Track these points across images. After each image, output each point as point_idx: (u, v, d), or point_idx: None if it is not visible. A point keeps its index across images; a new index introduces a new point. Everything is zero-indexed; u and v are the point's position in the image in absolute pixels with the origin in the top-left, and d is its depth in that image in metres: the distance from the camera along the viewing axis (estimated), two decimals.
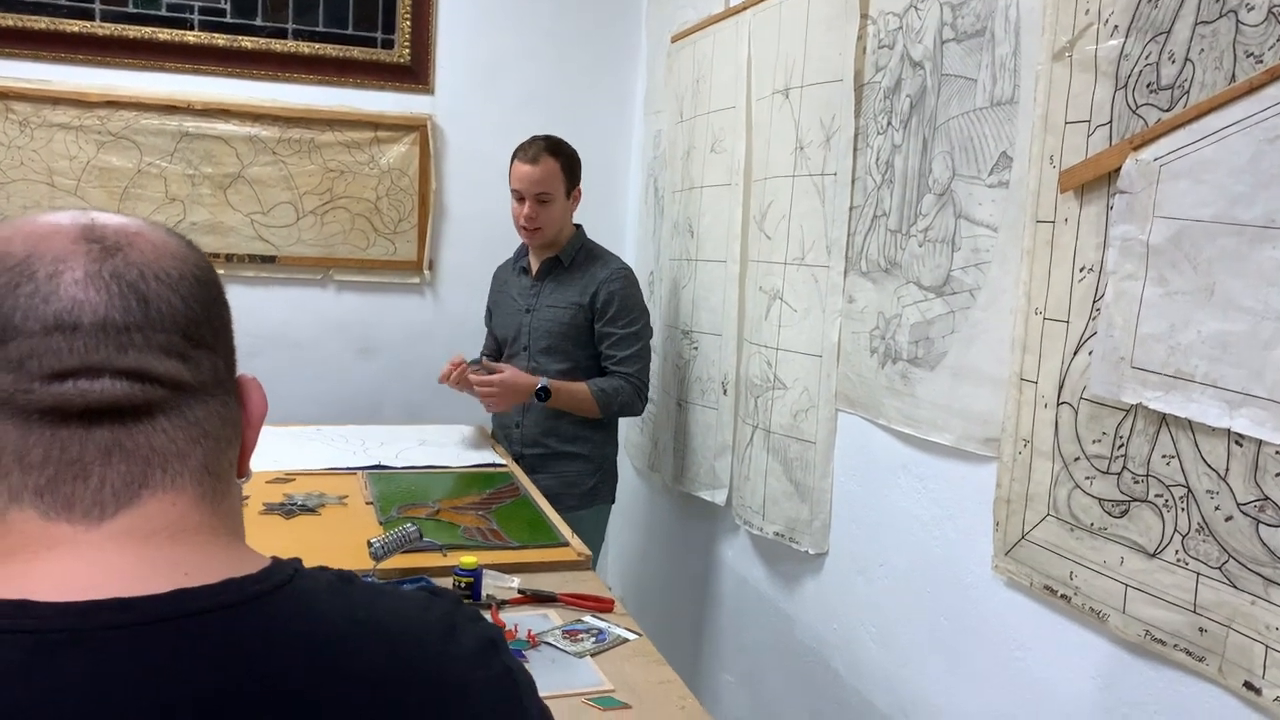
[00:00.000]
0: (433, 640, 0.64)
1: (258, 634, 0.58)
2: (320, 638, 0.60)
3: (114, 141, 3.15)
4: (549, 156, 2.58)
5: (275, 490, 2.24)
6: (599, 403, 2.59)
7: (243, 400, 0.68)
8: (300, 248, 3.33)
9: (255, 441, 0.69)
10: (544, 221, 2.61)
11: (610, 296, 2.61)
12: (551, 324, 2.65)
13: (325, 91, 3.30)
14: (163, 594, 0.57)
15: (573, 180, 2.64)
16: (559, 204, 2.61)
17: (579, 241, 2.71)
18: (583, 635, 1.62)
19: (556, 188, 2.59)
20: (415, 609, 0.67)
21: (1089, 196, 1.45)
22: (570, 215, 2.69)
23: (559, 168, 2.58)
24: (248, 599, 0.59)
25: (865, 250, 2.05)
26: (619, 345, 2.62)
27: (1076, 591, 1.48)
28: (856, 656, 2.10)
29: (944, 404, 1.79)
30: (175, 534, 0.61)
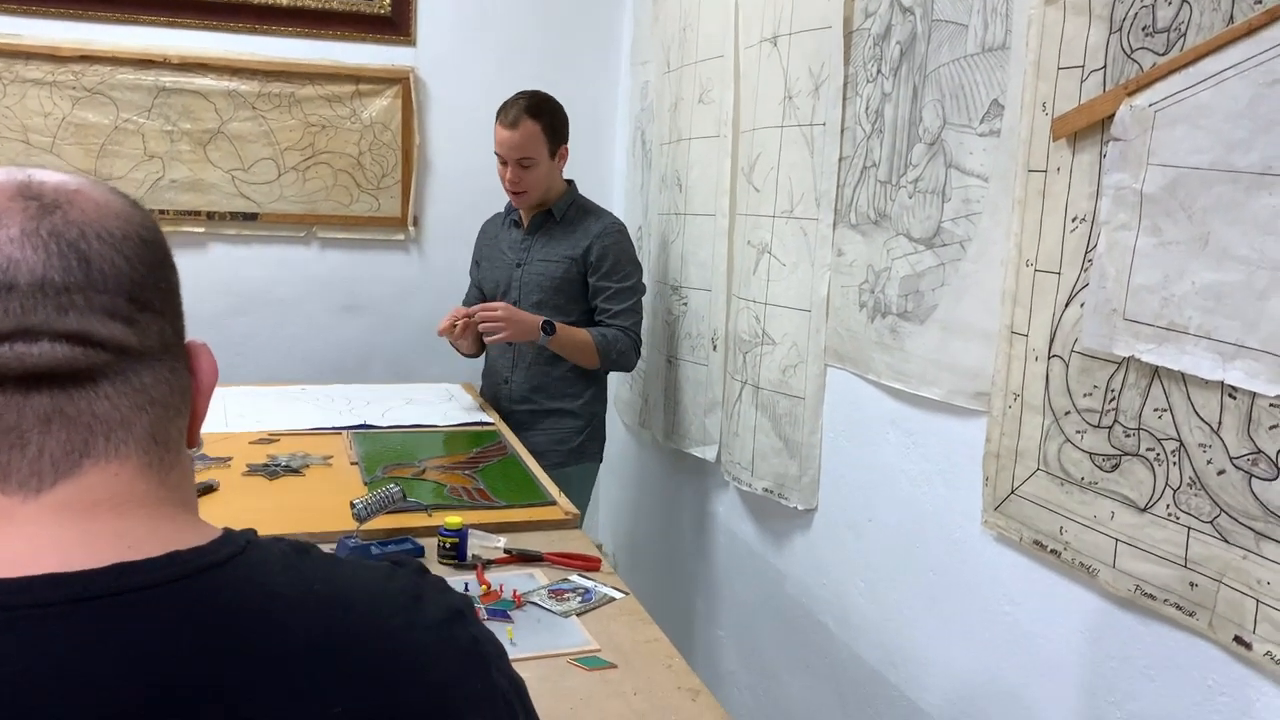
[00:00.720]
0: (394, 610, 0.62)
1: (203, 608, 0.56)
2: (270, 611, 0.57)
3: (89, 97, 3.08)
4: (529, 119, 2.50)
5: (259, 451, 2.21)
6: (599, 349, 2.55)
7: (193, 367, 0.65)
8: (282, 204, 3.27)
9: (206, 409, 0.67)
10: (528, 184, 2.56)
11: (604, 251, 2.58)
12: (543, 278, 2.61)
13: (305, 44, 3.23)
14: (101, 569, 0.55)
15: (556, 140, 2.57)
16: (543, 166, 2.55)
17: (571, 197, 2.67)
18: (569, 594, 1.60)
19: (538, 150, 2.52)
20: (376, 579, 0.64)
21: (1082, 144, 1.42)
22: (558, 173, 2.63)
23: (539, 130, 2.51)
24: (193, 572, 0.57)
25: (855, 202, 2.02)
26: (614, 299, 2.58)
27: (1066, 546, 1.46)
28: (846, 611, 2.09)
29: (934, 358, 1.77)
30: (118, 505, 0.58)
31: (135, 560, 0.56)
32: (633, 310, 2.61)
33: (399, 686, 0.58)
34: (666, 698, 1.32)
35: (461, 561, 1.71)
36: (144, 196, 3.15)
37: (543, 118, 2.52)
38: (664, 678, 1.37)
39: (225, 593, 0.57)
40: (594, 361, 2.57)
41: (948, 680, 1.78)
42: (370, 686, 0.57)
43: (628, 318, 2.59)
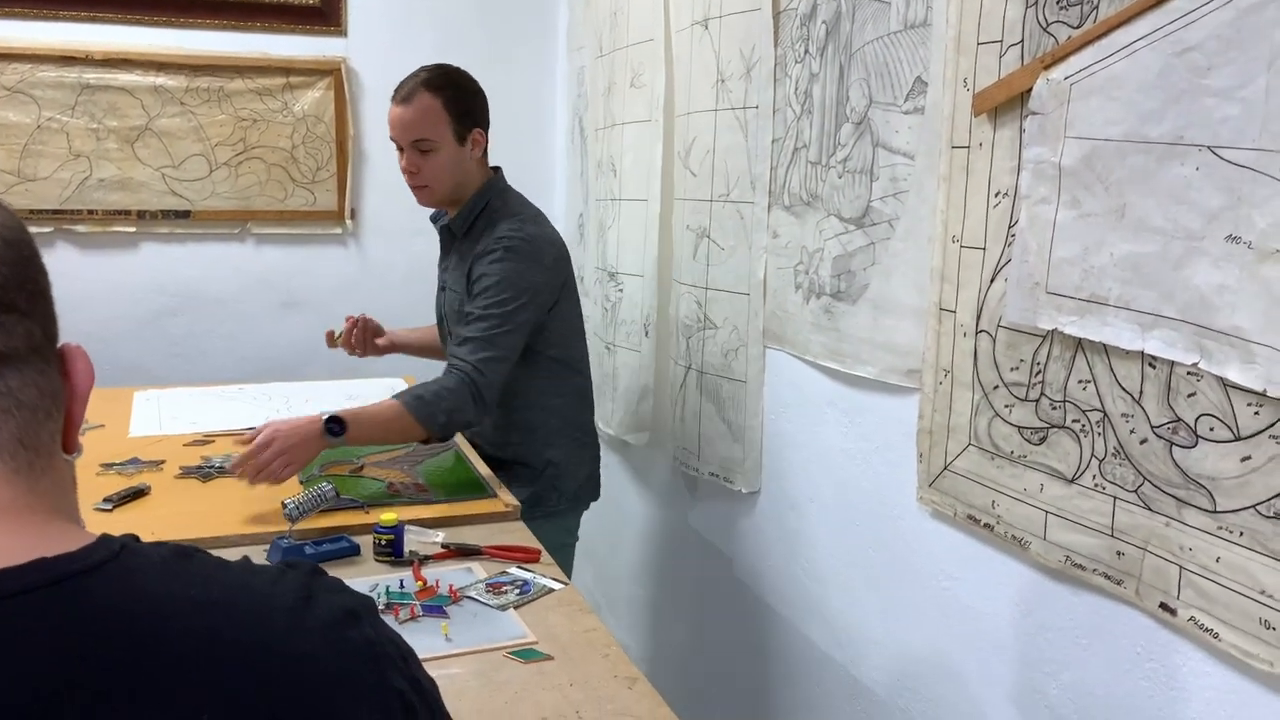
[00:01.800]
0: (279, 613, 0.60)
1: (65, 618, 0.53)
2: (139, 616, 0.55)
3: (9, 96, 3.00)
4: (426, 93, 2.04)
5: (193, 453, 2.17)
6: (419, 418, 1.92)
7: (67, 371, 0.63)
8: (215, 201, 3.21)
9: (82, 414, 0.64)
10: (429, 175, 2.08)
11: (485, 269, 2.04)
12: (454, 310, 2.18)
13: (232, 37, 3.16)
14: None
15: (465, 120, 2.07)
16: (446, 151, 2.06)
17: (481, 201, 2.14)
18: (507, 587, 1.59)
19: (439, 132, 2.05)
20: (263, 582, 0.62)
21: (1002, 119, 1.42)
22: (471, 166, 2.12)
23: (440, 106, 2.04)
24: (58, 579, 0.54)
25: (787, 184, 2.01)
26: (470, 325, 2.02)
27: (999, 520, 1.47)
28: (791, 591, 2.10)
29: (866, 337, 1.77)
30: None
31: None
32: (488, 343, 1.98)
33: (276, 692, 0.56)
34: (603, 687, 1.31)
35: (398, 558, 1.68)
36: (71, 196, 3.08)
37: (445, 91, 2.06)
38: (601, 667, 1.36)
39: (93, 600, 0.55)
40: (420, 432, 1.96)
41: (891, 656, 1.79)
42: (244, 693, 0.55)
43: (475, 350, 1.98)
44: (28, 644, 0.52)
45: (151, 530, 1.73)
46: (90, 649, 0.53)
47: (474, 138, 2.10)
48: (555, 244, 2.16)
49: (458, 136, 2.08)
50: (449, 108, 2.06)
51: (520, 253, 2.04)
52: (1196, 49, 1.12)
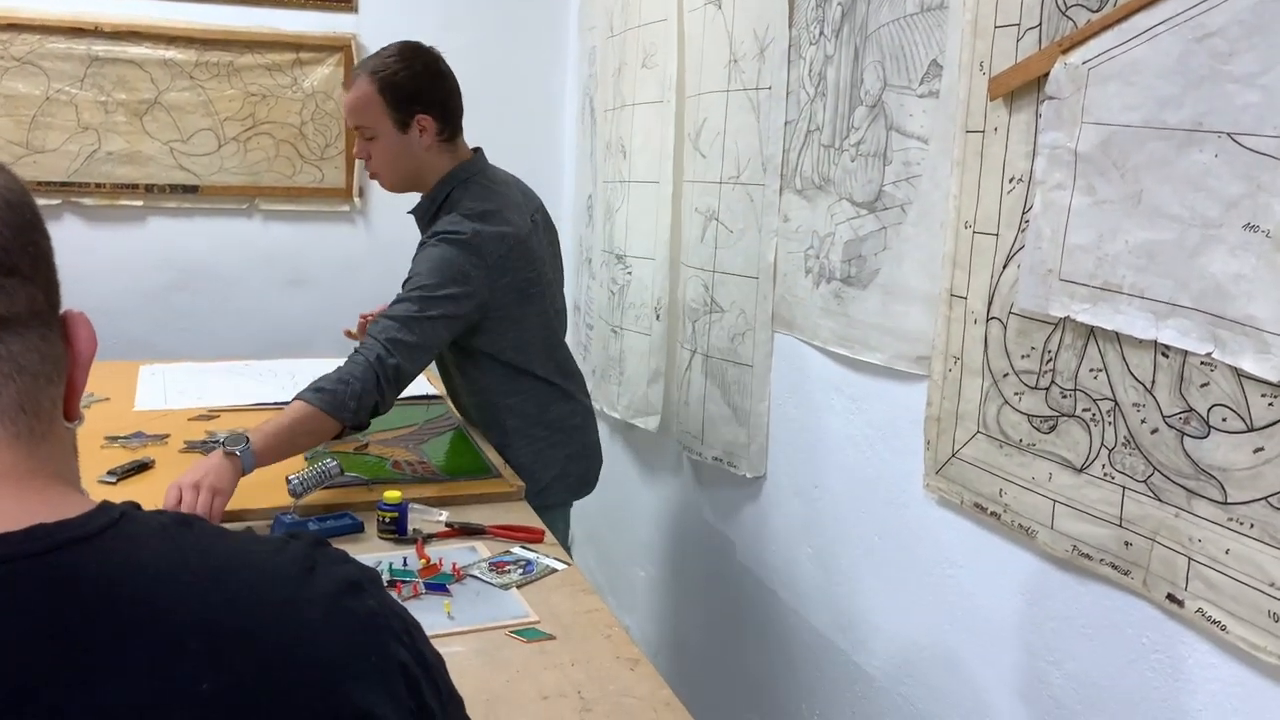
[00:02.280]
0: (281, 582, 0.59)
1: (62, 584, 0.53)
2: (137, 584, 0.55)
3: (18, 67, 2.99)
4: (364, 77, 1.94)
5: (198, 428, 2.17)
6: (328, 409, 1.74)
7: (69, 337, 0.62)
8: (223, 176, 3.20)
9: (84, 381, 0.63)
10: (376, 164, 2.01)
11: (419, 253, 1.96)
12: None
13: (243, 11, 3.15)
14: None
15: (405, 106, 1.94)
16: (386, 139, 1.96)
17: (444, 190, 2.02)
18: (510, 567, 1.58)
19: (375, 119, 1.94)
20: (264, 552, 0.62)
21: (1018, 104, 1.40)
22: (422, 155, 1.99)
23: (374, 91, 1.93)
24: (57, 545, 0.54)
25: (799, 167, 2.00)
26: (391, 307, 1.90)
27: (1006, 509, 1.46)
28: (795, 578, 2.09)
29: (876, 323, 1.76)
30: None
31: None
32: (405, 324, 1.84)
33: (275, 663, 0.55)
34: (604, 668, 1.31)
35: (402, 536, 1.68)
36: (79, 169, 3.07)
37: (382, 76, 1.93)
38: (603, 648, 1.36)
39: (90, 567, 0.54)
40: (332, 427, 1.77)
41: (894, 643, 1.79)
42: (243, 663, 0.54)
43: (390, 331, 1.83)
44: (24, 610, 0.51)
45: (155, 504, 1.72)
46: (87, 616, 0.52)
47: (419, 124, 1.96)
48: (505, 240, 1.96)
49: (398, 124, 1.96)
50: (385, 93, 1.93)
51: (457, 243, 1.91)
52: (1218, 34, 1.10)
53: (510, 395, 2.10)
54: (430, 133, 1.97)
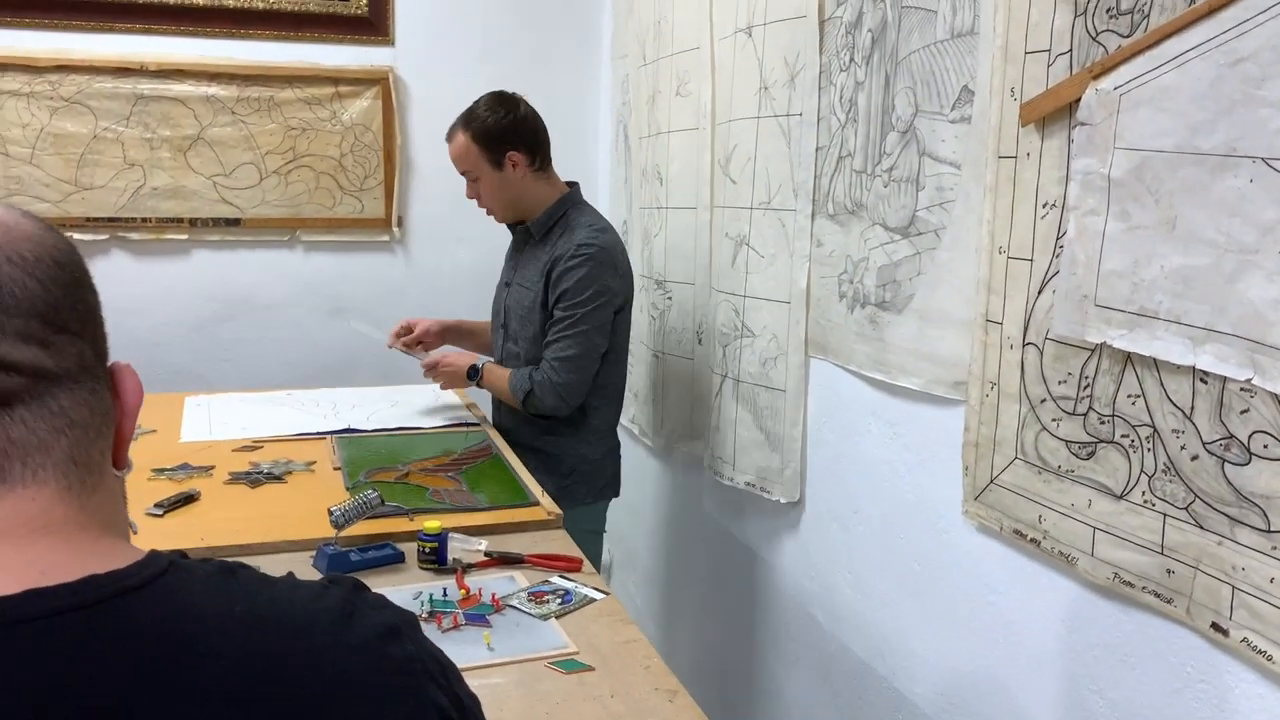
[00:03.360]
0: (321, 629, 0.61)
1: (116, 634, 0.55)
2: (186, 633, 0.57)
3: (67, 107, 3.07)
4: (459, 131, 2.32)
5: (242, 458, 2.21)
6: (512, 388, 2.32)
7: (116, 389, 0.64)
8: (265, 209, 3.26)
9: (132, 431, 0.65)
10: (485, 200, 2.38)
11: (562, 273, 2.27)
12: (519, 304, 2.40)
13: (283, 47, 3.21)
14: (13, 595, 0.54)
15: (496, 146, 2.29)
16: (488, 179, 2.32)
17: (558, 211, 2.37)
18: (549, 597, 1.60)
19: (474, 163, 2.31)
20: (305, 598, 0.63)
21: (1050, 129, 1.40)
22: (520, 184, 2.34)
23: (469, 140, 2.30)
24: (108, 596, 0.56)
25: (832, 192, 2.00)
26: (553, 327, 2.29)
27: (1045, 535, 1.45)
28: (834, 603, 2.09)
29: (912, 348, 1.76)
30: (34, 531, 0.57)
31: (48, 586, 0.55)
32: (568, 343, 2.26)
33: (318, 708, 0.57)
34: (644, 699, 1.31)
35: (442, 565, 1.70)
36: (126, 204, 3.14)
37: (470, 128, 2.31)
38: (642, 679, 1.36)
39: (141, 616, 0.56)
40: (515, 403, 2.34)
41: (934, 670, 1.77)
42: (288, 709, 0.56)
43: (557, 350, 2.27)
44: (80, 659, 0.53)
45: (201, 536, 1.76)
46: (139, 664, 0.54)
47: (511, 160, 2.30)
48: (625, 254, 2.40)
49: (493, 163, 2.31)
50: (478, 140, 2.29)
51: (597, 259, 2.27)
52: (1250, 59, 1.10)
53: (598, 397, 2.39)
54: (522, 165, 2.32)
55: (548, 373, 2.28)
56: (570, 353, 2.26)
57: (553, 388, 2.27)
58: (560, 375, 2.27)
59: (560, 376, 2.27)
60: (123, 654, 0.54)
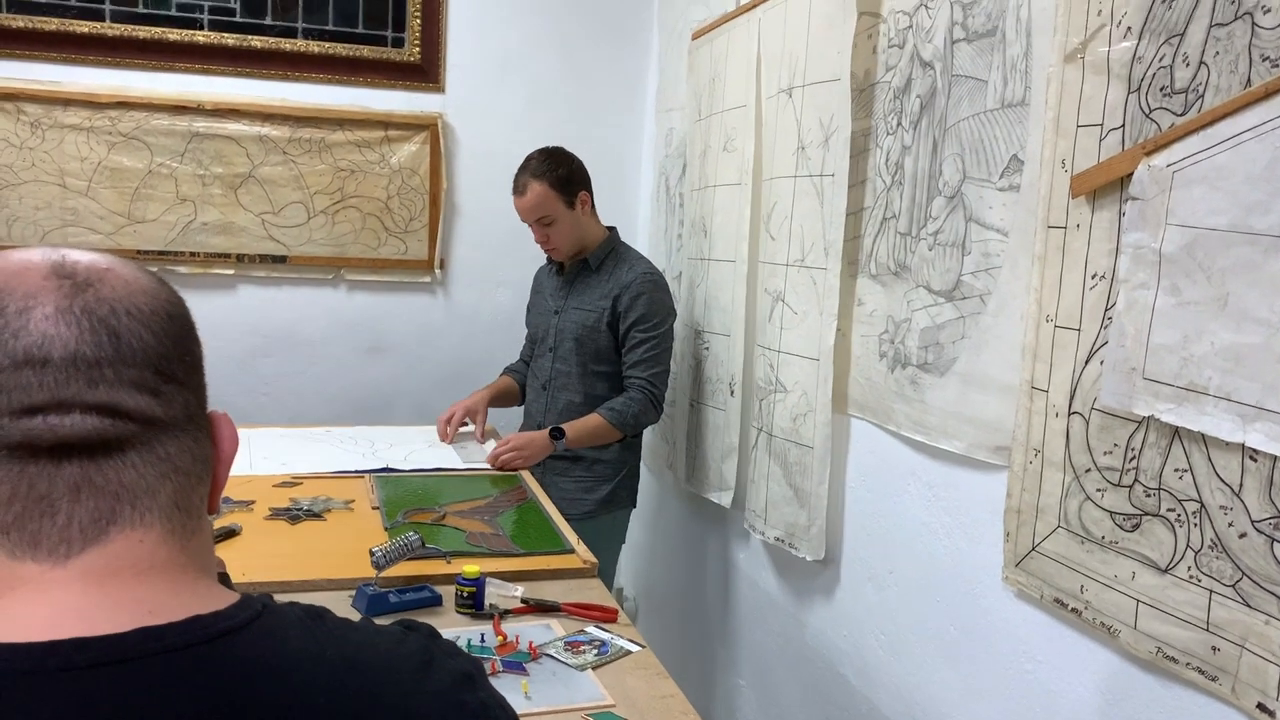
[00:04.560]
0: (404, 675, 0.63)
1: (222, 672, 0.57)
2: (284, 674, 0.59)
3: (125, 142, 3.15)
4: (534, 181, 2.58)
5: (281, 495, 2.23)
6: (615, 425, 2.59)
7: (214, 436, 0.67)
8: (311, 247, 3.32)
9: (226, 477, 0.68)
10: (557, 240, 2.64)
11: (633, 299, 2.61)
12: (577, 327, 2.67)
13: (335, 91, 3.29)
14: (125, 633, 0.56)
15: (569, 190, 2.60)
16: (563, 219, 2.61)
17: (610, 245, 2.71)
18: (585, 647, 1.60)
19: (553, 208, 2.59)
20: (388, 643, 0.65)
21: (1101, 202, 1.42)
22: (586, 220, 2.67)
23: (547, 188, 2.57)
24: (213, 637, 0.58)
25: (874, 253, 2.02)
26: (635, 349, 2.62)
27: (1087, 605, 1.45)
28: (867, 664, 2.08)
29: (954, 411, 1.76)
30: (141, 571, 0.60)
31: (158, 625, 0.57)
32: (654, 361, 2.62)
33: None
34: None
35: (479, 611, 1.71)
36: (175, 239, 3.21)
37: (546, 175, 2.58)
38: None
39: (243, 657, 0.58)
40: (617, 436, 2.63)
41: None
42: None
43: (646, 368, 2.62)
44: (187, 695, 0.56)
45: (242, 571, 1.77)
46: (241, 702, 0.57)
47: (580, 199, 2.63)
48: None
49: (568, 204, 2.61)
50: (555, 187, 2.58)
51: (659, 285, 2.68)
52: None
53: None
54: (588, 204, 2.66)
55: (646, 389, 2.61)
56: (660, 368, 2.64)
57: (655, 401, 2.63)
58: (658, 388, 2.64)
59: (658, 389, 2.64)
60: (226, 692, 0.56)
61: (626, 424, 2.60)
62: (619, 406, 2.60)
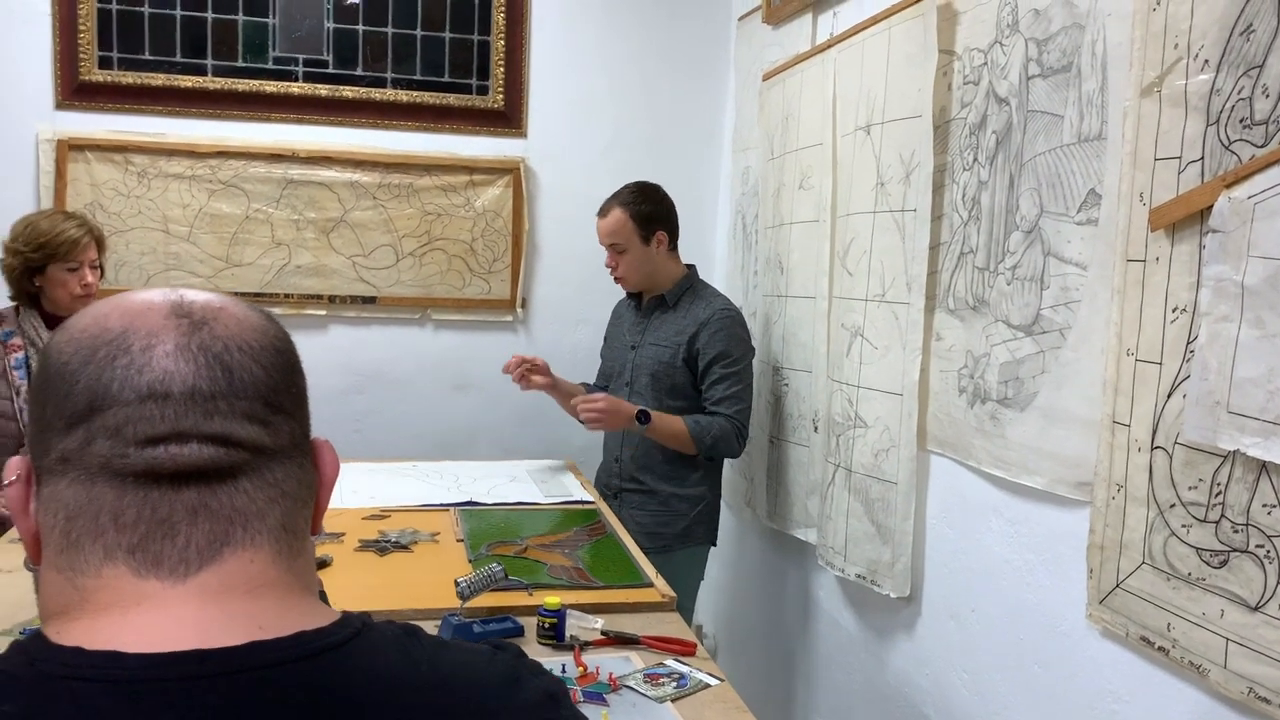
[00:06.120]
0: (494, 692, 0.67)
1: (327, 685, 0.61)
2: (386, 689, 0.63)
3: (224, 189, 3.30)
4: (618, 208, 2.66)
5: (370, 527, 2.30)
6: (694, 436, 2.59)
7: (317, 462, 0.71)
8: (399, 288, 3.43)
9: (328, 501, 0.73)
10: (623, 270, 2.71)
11: (711, 336, 2.62)
12: (653, 362, 2.69)
13: (423, 138, 3.41)
14: (239, 646, 0.60)
15: (648, 226, 2.66)
16: (634, 251, 2.67)
17: (687, 282, 2.75)
18: (664, 679, 1.62)
19: (627, 237, 2.66)
20: (479, 662, 0.69)
21: (1181, 235, 1.41)
22: (659, 258, 2.71)
23: (626, 217, 2.65)
24: (318, 651, 0.62)
25: (952, 288, 2.02)
26: (718, 385, 2.62)
27: (1175, 644, 1.42)
28: (949, 703, 2.05)
29: (1035, 446, 1.75)
30: (252, 589, 0.64)
31: (266, 639, 0.61)
32: (737, 398, 2.62)
33: None
34: None
35: (560, 642, 1.74)
36: (270, 281, 3.35)
37: (630, 206, 2.65)
38: None
39: (344, 671, 0.62)
40: (691, 448, 2.61)
41: None
42: None
43: (730, 405, 2.61)
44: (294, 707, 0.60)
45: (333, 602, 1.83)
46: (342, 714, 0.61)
47: (657, 238, 2.68)
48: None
49: (642, 239, 2.67)
50: (634, 218, 2.66)
51: (737, 321, 2.70)
52: None
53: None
54: (664, 244, 2.71)
55: (734, 421, 2.61)
56: (743, 405, 2.64)
57: (739, 434, 2.63)
58: (743, 423, 2.64)
59: (743, 424, 2.64)
60: (328, 704, 0.60)
61: (704, 441, 2.59)
62: (704, 422, 2.60)
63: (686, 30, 3.55)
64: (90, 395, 0.62)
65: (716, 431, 2.59)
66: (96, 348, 0.64)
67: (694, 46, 3.55)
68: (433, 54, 3.39)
